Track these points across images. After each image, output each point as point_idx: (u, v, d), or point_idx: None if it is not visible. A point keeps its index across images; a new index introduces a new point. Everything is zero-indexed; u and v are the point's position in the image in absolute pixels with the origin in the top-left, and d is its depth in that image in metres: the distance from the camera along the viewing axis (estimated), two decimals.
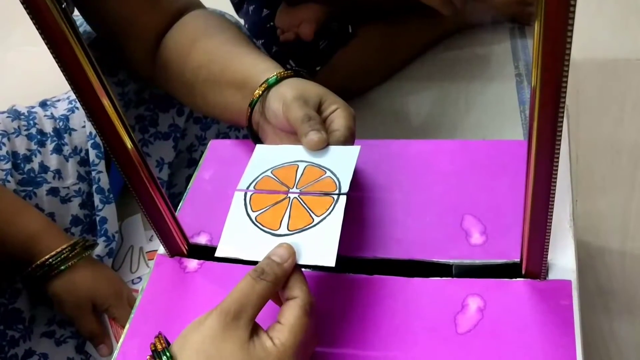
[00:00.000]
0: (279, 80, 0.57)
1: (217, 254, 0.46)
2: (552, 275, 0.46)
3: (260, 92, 0.57)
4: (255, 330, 0.40)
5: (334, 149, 0.51)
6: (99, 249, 0.77)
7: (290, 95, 0.53)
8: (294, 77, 0.57)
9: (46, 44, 0.39)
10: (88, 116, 0.42)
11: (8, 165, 0.75)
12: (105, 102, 0.42)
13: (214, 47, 0.66)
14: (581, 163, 0.89)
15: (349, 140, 0.52)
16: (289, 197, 0.48)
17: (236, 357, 0.38)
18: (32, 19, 0.38)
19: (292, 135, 0.55)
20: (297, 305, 0.40)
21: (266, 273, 0.41)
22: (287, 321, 0.40)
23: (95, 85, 0.41)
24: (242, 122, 0.61)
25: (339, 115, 0.53)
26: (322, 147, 0.51)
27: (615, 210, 0.84)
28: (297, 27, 1.02)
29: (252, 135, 0.61)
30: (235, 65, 0.63)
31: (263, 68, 0.60)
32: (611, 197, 0.86)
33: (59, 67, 0.40)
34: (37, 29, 0.38)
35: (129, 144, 0.45)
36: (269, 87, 0.57)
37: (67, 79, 0.41)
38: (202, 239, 0.55)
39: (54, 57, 0.40)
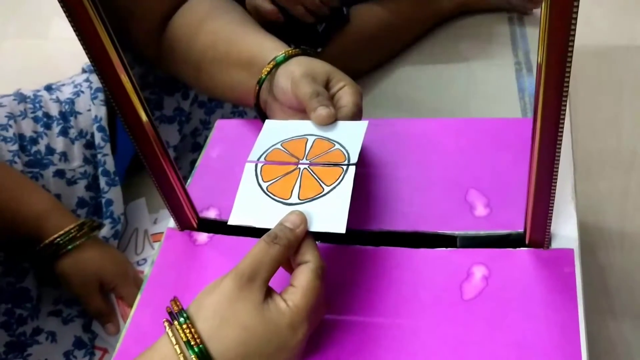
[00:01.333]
0: (287, 58, 0.58)
1: (230, 222, 0.47)
2: (555, 245, 0.47)
3: (269, 70, 0.58)
4: (269, 292, 0.41)
5: (342, 124, 0.52)
6: (105, 231, 0.78)
7: (298, 72, 0.54)
8: (302, 56, 0.58)
9: (67, 16, 0.40)
10: (105, 86, 0.43)
11: (15, 147, 0.75)
12: (123, 77, 0.44)
13: (220, 27, 0.67)
14: (580, 147, 0.91)
15: (356, 116, 0.53)
16: (299, 168, 0.49)
17: (251, 318, 0.39)
18: None
19: (300, 113, 0.56)
20: (310, 269, 0.42)
21: (279, 238, 0.42)
22: (300, 284, 0.41)
23: (114, 60, 0.43)
24: (249, 101, 0.62)
25: (346, 92, 0.54)
26: (330, 122, 0.52)
27: (614, 194, 0.85)
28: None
29: (260, 114, 0.62)
30: (241, 44, 0.64)
31: (270, 47, 0.61)
32: (609, 181, 0.87)
33: (80, 42, 0.41)
34: (60, 3, 0.39)
35: (143, 117, 0.46)
36: (277, 65, 0.58)
37: (86, 52, 0.42)
38: (211, 214, 0.56)
39: (76, 32, 0.41)
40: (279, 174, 0.49)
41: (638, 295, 0.77)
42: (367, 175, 0.56)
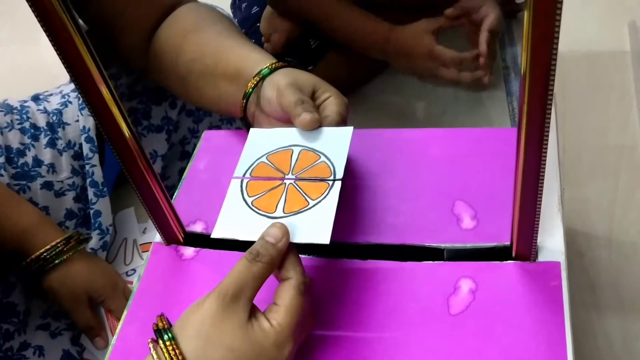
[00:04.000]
0: (272, 71, 0.58)
1: (213, 235, 0.47)
2: (541, 257, 0.47)
3: (254, 83, 0.58)
4: (253, 312, 0.41)
5: (327, 131, 0.52)
6: (93, 242, 0.78)
7: (284, 82, 0.54)
8: (287, 68, 0.58)
9: (45, 30, 0.39)
10: (86, 103, 0.43)
11: (1, 159, 0.75)
12: (104, 90, 0.43)
13: (207, 39, 0.67)
14: (568, 153, 0.91)
15: (340, 126, 0.53)
16: (285, 183, 0.49)
17: (236, 339, 0.39)
18: (30, 6, 0.38)
19: (286, 124, 0.56)
20: (292, 285, 0.41)
21: (261, 255, 0.41)
22: (283, 302, 0.41)
23: (93, 73, 0.42)
24: (236, 114, 0.62)
25: (331, 102, 0.54)
26: (314, 127, 0.52)
27: (602, 199, 0.86)
28: (269, 35, 1.04)
29: (247, 127, 0.61)
30: (228, 57, 0.63)
31: (256, 59, 0.60)
32: (598, 186, 0.88)
33: (58, 54, 0.41)
34: (36, 16, 0.39)
35: (126, 131, 0.46)
36: (263, 78, 0.57)
37: (65, 67, 0.42)
38: (197, 227, 0.56)
39: (53, 45, 0.40)
40: (264, 189, 0.49)
41: (626, 297, 0.77)
42: (353, 187, 0.56)
